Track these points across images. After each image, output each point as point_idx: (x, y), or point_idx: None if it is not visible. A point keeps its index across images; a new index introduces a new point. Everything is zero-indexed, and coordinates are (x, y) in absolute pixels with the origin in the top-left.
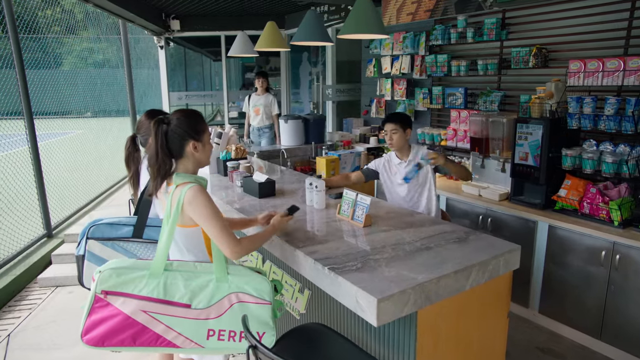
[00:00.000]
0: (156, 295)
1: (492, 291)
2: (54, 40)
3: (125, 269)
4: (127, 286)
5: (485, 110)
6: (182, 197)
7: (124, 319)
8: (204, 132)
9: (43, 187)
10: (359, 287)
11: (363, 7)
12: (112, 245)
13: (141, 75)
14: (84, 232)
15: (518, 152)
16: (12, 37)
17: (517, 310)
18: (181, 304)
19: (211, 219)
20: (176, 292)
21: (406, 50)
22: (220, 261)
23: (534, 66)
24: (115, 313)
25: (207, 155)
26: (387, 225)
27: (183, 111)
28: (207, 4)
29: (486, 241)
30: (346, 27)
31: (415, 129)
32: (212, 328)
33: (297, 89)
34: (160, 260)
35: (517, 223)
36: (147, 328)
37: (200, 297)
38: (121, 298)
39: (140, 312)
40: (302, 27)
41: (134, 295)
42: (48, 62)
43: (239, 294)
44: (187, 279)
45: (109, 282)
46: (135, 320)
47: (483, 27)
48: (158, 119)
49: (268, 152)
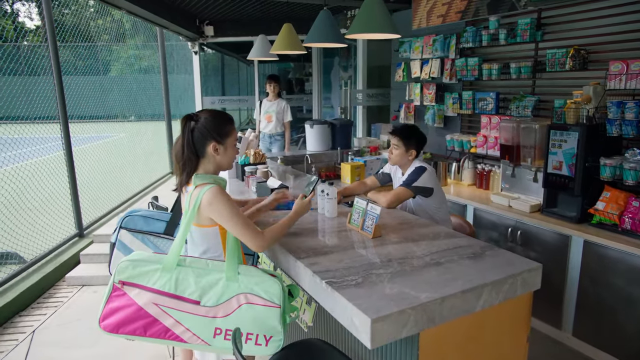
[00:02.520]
0: (167, 290)
1: (508, 314)
2: (104, 48)
3: (141, 262)
4: (141, 278)
5: (518, 116)
6: (200, 197)
7: (137, 310)
8: (228, 135)
9: (76, 188)
10: (354, 304)
11: (371, 6)
12: (143, 239)
13: (180, 80)
14: (120, 220)
15: (551, 160)
16: (51, 46)
17: (548, 331)
18: (191, 300)
19: (232, 218)
20: (187, 288)
21: (436, 54)
22: (233, 260)
23: (571, 68)
24: (130, 303)
25: (228, 159)
26: (398, 237)
27: (212, 111)
28: (241, 10)
29: (504, 258)
30: (354, 27)
31: (444, 135)
32: (219, 327)
33: (329, 93)
34: (174, 255)
35: (549, 237)
36: (157, 320)
37: (210, 295)
38: (136, 289)
39: (152, 304)
40: (315, 28)
41: (148, 287)
42: (97, 69)
43: (248, 294)
44: (198, 275)
45: (125, 273)
46: (147, 312)
47: (516, 28)
48: (187, 115)
49: (293, 158)
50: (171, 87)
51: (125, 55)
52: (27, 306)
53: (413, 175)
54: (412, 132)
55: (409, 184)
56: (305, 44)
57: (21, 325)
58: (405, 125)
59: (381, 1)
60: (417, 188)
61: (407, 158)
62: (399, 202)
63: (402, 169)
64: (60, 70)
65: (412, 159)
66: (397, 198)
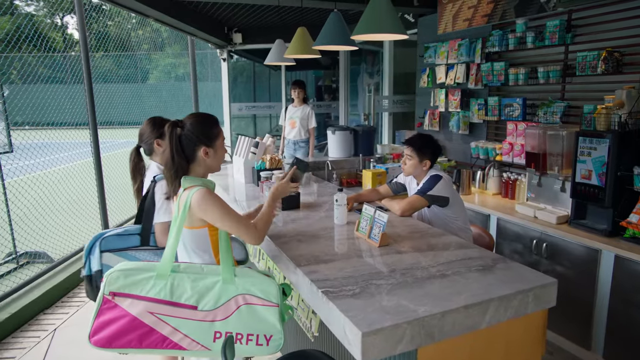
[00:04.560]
0: (163, 297)
1: (519, 332)
2: (144, 57)
3: (133, 270)
4: (134, 287)
5: (546, 123)
6: (189, 199)
7: (131, 320)
8: (216, 137)
9: (103, 191)
10: (347, 315)
11: (377, 6)
12: (125, 255)
13: (210, 87)
14: (90, 249)
15: (580, 169)
16: (83, 56)
17: (576, 352)
18: (188, 306)
19: (224, 216)
20: (183, 294)
21: (461, 59)
22: (228, 262)
23: (603, 72)
24: (122, 314)
25: (218, 160)
26: (407, 246)
27: (197, 115)
28: (269, 17)
29: (516, 271)
30: (359, 27)
31: (469, 143)
32: (218, 330)
33: (356, 100)
34: (167, 261)
35: (577, 251)
36: (154, 330)
37: (207, 299)
38: (128, 299)
39: (147, 313)
40: (325, 31)
41: (141, 296)
42: (136, 76)
43: (246, 295)
44: (194, 280)
45: (116, 284)
46: (142, 322)
47: (545, 30)
48: (172, 122)
49: (313, 164)
50: (203, 94)
51: (163, 63)
52: (52, 304)
53: (428, 184)
54: (425, 142)
55: (424, 192)
56: (314, 46)
57: (45, 322)
58: (419, 134)
59: (388, 1)
60: (432, 197)
61: (421, 168)
62: (412, 210)
63: (417, 179)
64: (90, 78)
65: (427, 169)
66: (410, 206)
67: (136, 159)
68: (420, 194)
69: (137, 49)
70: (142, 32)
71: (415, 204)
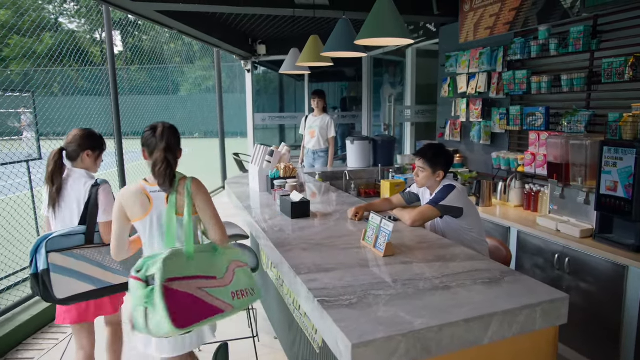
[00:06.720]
0: (201, 273)
1: (527, 350)
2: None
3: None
4: (180, 271)
5: (570, 132)
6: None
7: (193, 299)
8: None
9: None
10: (339, 325)
11: (381, 10)
12: (71, 254)
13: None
14: (36, 248)
15: (605, 180)
16: (110, 71)
17: None
18: (213, 277)
19: (212, 206)
20: (208, 269)
21: (482, 68)
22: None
23: (631, 78)
24: (183, 295)
25: None
26: (412, 257)
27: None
28: (293, 28)
29: (524, 285)
30: (363, 32)
31: (490, 153)
32: (232, 290)
33: (379, 111)
34: (191, 245)
35: (602, 266)
36: (205, 302)
37: (217, 269)
38: (183, 282)
39: (197, 289)
40: (333, 38)
41: (188, 277)
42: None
43: (236, 261)
44: (208, 258)
45: (166, 271)
46: (197, 297)
47: (568, 37)
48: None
49: (332, 174)
50: (231, 105)
51: (194, 75)
52: None
53: (441, 194)
54: (437, 152)
55: (436, 203)
56: (323, 53)
57: (63, 325)
58: (430, 145)
59: (392, 5)
60: (445, 207)
61: (434, 179)
62: (423, 220)
63: (431, 189)
64: (117, 90)
65: (440, 180)
66: (421, 216)
67: (59, 161)
68: (432, 204)
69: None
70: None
71: (426, 214)
